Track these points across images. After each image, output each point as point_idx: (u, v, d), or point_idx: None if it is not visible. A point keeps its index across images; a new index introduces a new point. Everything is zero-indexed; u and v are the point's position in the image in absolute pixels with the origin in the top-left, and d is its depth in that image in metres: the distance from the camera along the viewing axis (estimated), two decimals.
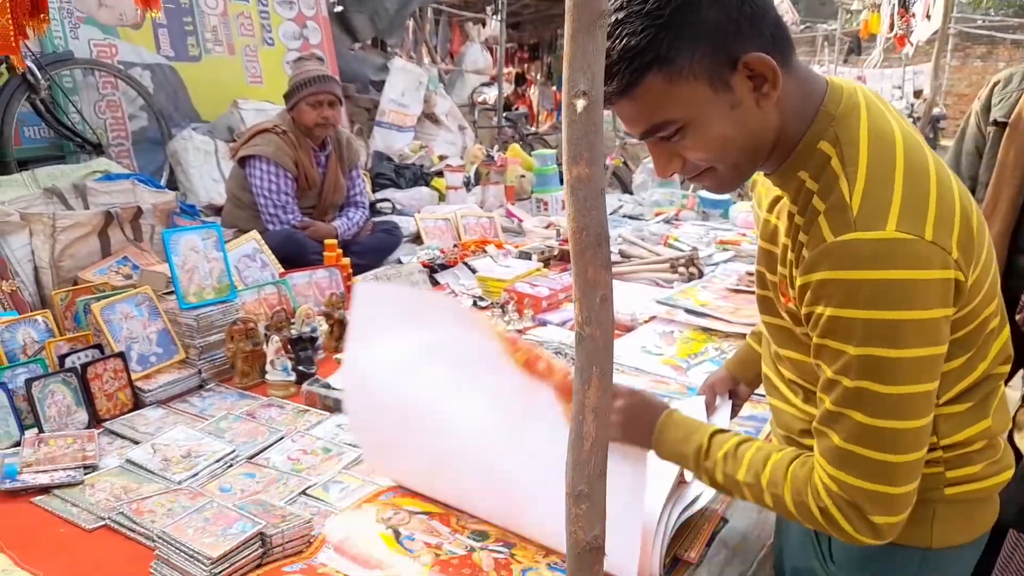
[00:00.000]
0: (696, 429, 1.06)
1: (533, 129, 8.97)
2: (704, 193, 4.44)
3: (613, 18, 0.88)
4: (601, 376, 0.77)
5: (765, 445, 1.01)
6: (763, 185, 1.10)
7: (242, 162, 3.14)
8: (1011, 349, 1.01)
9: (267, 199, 3.07)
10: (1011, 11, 19.39)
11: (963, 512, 1.01)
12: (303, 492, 1.46)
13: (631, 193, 5.22)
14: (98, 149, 3.86)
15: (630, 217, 4.36)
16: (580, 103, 0.72)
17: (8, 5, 2.04)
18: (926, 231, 0.84)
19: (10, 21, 2.06)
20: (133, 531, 1.32)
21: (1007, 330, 1.00)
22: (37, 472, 1.51)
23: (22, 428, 1.69)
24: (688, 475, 1.34)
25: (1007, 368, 1.01)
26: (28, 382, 1.71)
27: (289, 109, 3.16)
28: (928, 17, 6.24)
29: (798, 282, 0.91)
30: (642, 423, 1.09)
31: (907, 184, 0.86)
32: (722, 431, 1.04)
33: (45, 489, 1.48)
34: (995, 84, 1.94)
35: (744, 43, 0.88)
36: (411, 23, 7.49)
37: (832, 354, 0.88)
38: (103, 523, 1.36)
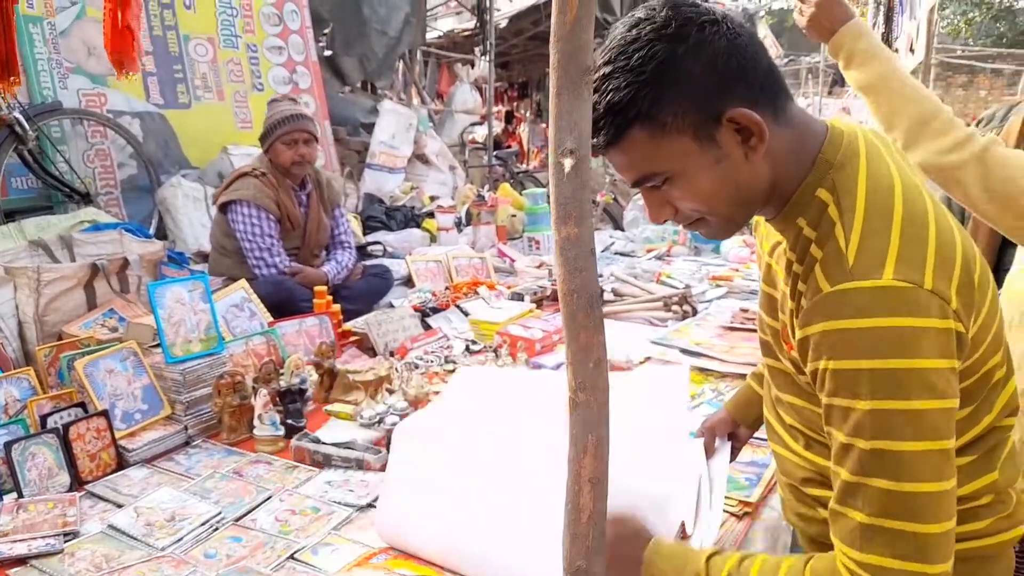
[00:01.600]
0: (689, 557, 0.98)
1: (524, 167, 9.03)
2: None
3: (601, 72, 0.88)
4: (597, 444, 0.73)
5: (771, 558, 0.94)
6: (765, 227, 1.09)
7: (224, 208, 3.10)
8: (1017, 401, 0.98)
9: (252, 243, 3.04)
10: (988, 41, 19.83)
11: (969, 569, 0.97)
12: (291, 556, 1.40)
13: (622, 229, 5.22)
14: (86, 199, 3.84)
15: (621, 254, 4.34)
16: (568, 162, 0.70)
17: None
18: (924, 279, 0.82)
19: None
20: None
21: (1013, 381, 0.97)
22: (15, 542, 1.45)
23: (1, 493, 1.63)
24: (689, 527, 1.29)
25: (1013, 421, 0.97)
26: (8, 445, 1.66)
27: (265, 151, 3.14)
28: (912, 51, 6.35)
29: (798, 335, 0.89)
30: (627, 562, 1.00)
31: (905, 232, 0.85)
32: (717, 552, 0.97)
33: (22, 560, 1.42)
34: (978, 122, 1.99)
35: (729, 98, 0.87)
36: (400, 65, 7.57)
37: (841, 413, 0.84)
38: None
